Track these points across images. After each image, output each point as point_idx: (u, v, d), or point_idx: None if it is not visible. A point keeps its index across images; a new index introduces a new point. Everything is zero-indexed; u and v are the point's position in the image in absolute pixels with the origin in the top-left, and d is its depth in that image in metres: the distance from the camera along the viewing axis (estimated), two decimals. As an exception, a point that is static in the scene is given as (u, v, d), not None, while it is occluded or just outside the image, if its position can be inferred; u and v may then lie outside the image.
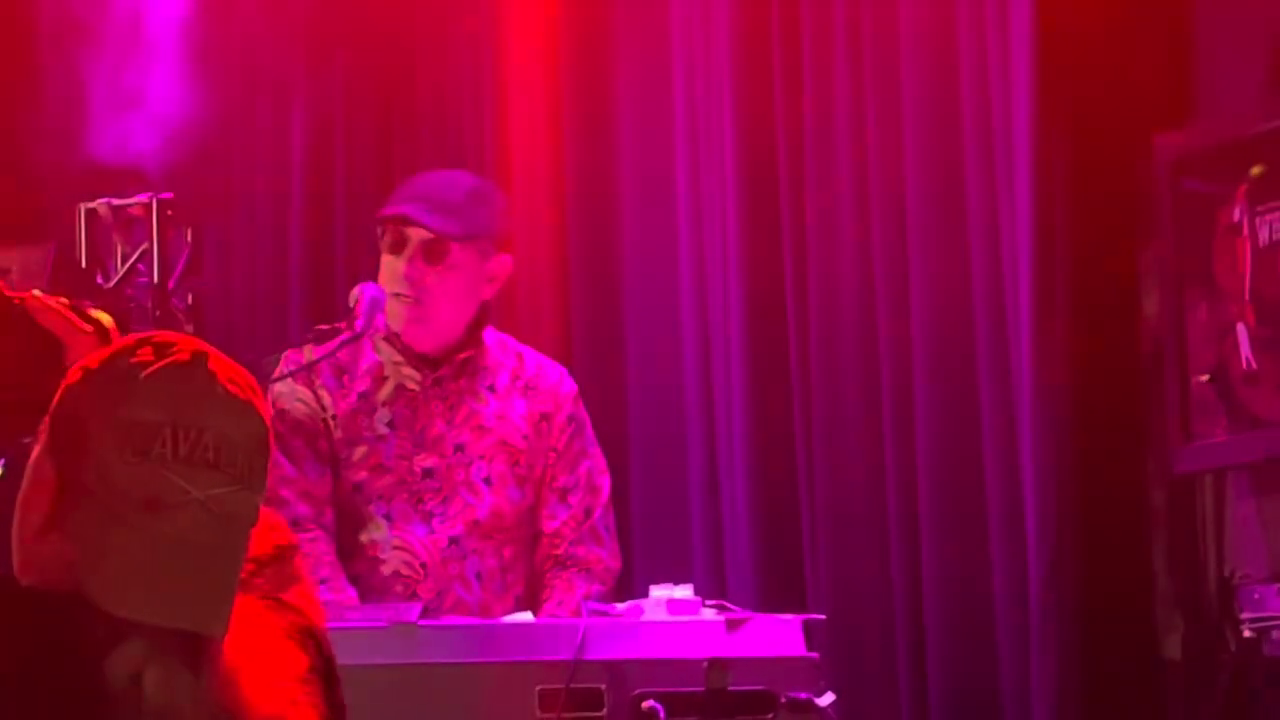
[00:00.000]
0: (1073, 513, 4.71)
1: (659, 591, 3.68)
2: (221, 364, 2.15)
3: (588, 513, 4.12)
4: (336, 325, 3.94)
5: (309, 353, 4.07)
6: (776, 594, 4.89)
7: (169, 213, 4.73)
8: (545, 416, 4.14)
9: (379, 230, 4.14)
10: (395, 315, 4.05)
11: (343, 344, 3.94)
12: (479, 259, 4.09)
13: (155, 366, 2.13)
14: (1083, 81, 4.79)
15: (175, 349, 2.14)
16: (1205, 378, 4.49)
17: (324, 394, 4.09)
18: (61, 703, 2.06)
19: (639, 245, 5.46)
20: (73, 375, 2.15)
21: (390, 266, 4.07)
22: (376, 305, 3.97)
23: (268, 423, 2.17)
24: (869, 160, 5.07)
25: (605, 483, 4.18)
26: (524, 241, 5.51)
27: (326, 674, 2.24)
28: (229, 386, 2.13)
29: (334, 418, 4.09)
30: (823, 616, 3.66)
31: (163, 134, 4.95)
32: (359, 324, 3.93)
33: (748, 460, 5.13)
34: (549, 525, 4.11)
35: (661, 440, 5.33)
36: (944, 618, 4.88)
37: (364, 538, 4.05)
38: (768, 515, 5.11)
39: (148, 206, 4.74)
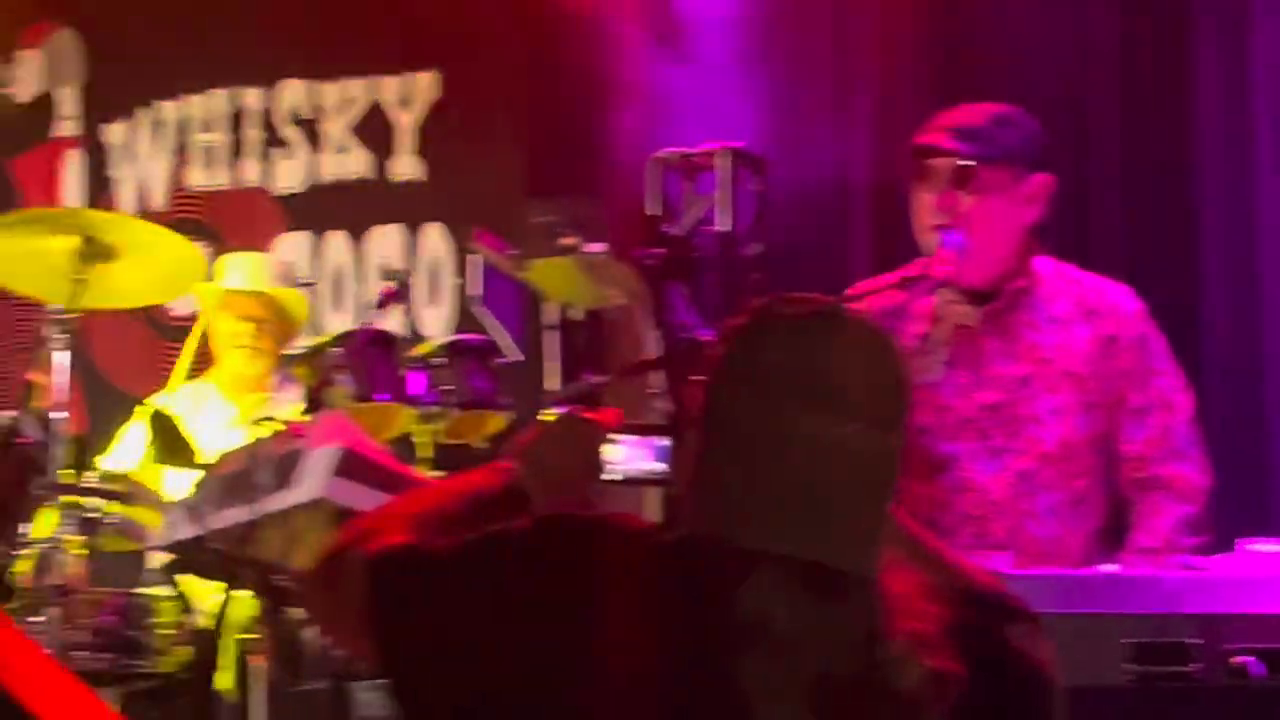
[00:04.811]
0: None
1: (1250, 546, 3.57)
2: (855, 314, 2.22)
3: (1166, 431, 4.01)
4: (925, 273, 3.93)
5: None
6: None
7: (739, 162, 4.78)
8: (1111, 339, 4.05)
9: (914, 166, 4.10)
10: (935, 248, 4.00)
11: (931, 290, 3.93)
12: (1010, 182, 4.01)
13: (788, 317, 2.17)
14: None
15: (812, 303, 2.19)
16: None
17: None
18: (696, 635, 2.11)
19: (1216, 171, 5.29)
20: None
21: (922, 200, 4.04)
22: (962, 251, 3.94)
23: (903, 369, 2.19)
24: None
25: (1183, 400, 4.05)
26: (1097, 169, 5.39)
27: (972, 633, 2.24)
28: (862, 333, 2.17)
29: None
30: None
31: (727, 87, 5.02)
32: (945, 269, 3.90)
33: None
34: (1127, 448, 4.02)
35: (1239, 386, 5.16)
36: None
37: (930, 482, 4.03)
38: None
39: (718, 156, 4.79)
